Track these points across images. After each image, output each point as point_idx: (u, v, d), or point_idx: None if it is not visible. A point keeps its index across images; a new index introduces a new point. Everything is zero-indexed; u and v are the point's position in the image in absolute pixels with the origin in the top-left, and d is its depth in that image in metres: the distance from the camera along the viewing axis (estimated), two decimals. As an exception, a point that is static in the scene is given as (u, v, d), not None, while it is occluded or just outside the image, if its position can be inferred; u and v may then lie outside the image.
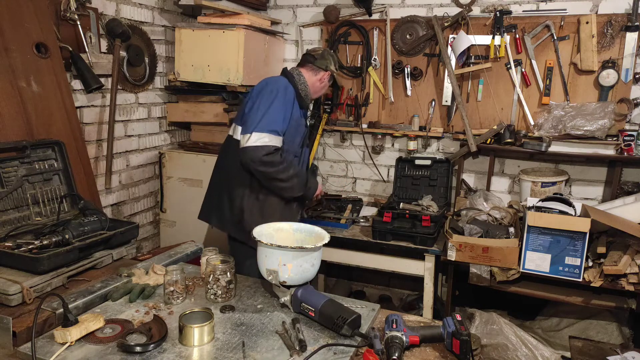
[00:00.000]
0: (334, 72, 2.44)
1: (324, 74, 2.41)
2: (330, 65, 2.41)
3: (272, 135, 2.12)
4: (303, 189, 2.34)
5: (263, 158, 2.09)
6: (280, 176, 2.18)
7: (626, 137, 2.67)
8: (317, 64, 2.39)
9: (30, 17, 2.23)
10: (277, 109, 2.16)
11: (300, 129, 2.34)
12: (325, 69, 2.40)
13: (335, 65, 2.44)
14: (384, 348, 1.36)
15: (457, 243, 2.51)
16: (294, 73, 2.37)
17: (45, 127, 2.24)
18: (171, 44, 3.25)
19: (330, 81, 2.49)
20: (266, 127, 2.11)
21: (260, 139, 2.09)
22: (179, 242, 2.39)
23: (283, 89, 2.22)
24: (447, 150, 3.28)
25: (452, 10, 3.06)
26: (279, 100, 2.18)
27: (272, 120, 2.13)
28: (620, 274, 2.25)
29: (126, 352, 1.31)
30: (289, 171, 2.21)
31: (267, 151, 2.09)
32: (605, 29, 2.77)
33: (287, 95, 2.22)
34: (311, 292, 1.56)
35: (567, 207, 2.44)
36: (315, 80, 2.41)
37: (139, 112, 3.07)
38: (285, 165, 2.18)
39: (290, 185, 2.25)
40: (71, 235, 1.82)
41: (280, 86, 2.23)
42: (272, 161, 2.12)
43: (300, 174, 2.30)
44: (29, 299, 1.57)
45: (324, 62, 2.39)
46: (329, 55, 2.43)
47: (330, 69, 2.41)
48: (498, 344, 2.39)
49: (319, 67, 2.39)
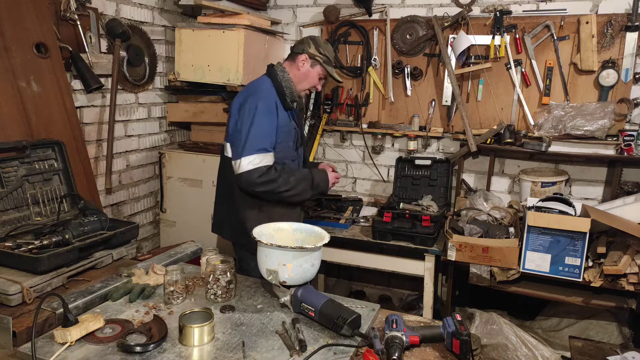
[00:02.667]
0: (314, 55, 2.25)
1: (299, 57, 2.24)
2: (307, 47, 2.24)
3: (261, 154, 2.07)
4: (312, 189, 2.27)
5: (257, 180, 2.07)
6: (283, 189, 2.14)
7: (626, 137, 2.67)
8: (294, 49, 2.27)
9: (30, 17, 2.23)
10: (260, 126, 2.09)
11: (291, 132, 2.26)
12: (301, 52, 2.24)
13: (317, 48, 2.25)
14: (384, 348, 1.36)
15: (457, 243, 2.51)
16: (277, 70, 2.25)
17: (45, 127, 2.24)
18: (171, 44, 3.25)
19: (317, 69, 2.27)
20: (254, 148, 2.07)
21: (250, 162, 2.05)
22: (179, 242, 2.39)
23: (263, 100, 2.13)
24: (447, 150, 3.28)
25: (452, 10, 3.06)
26: (260, 115, 2.10)
27: (258, 140, 2.08)
28: (620, 274, 2.25)
29: (126, 352, 1.31)
30: (290, 180, 2.16)
31: (260, 172, 2.06)
32: (605, 29, 2.77)
33: (268, 106, 2.13)
34: (311, 292, 1.56)
35: (567, 207, 2.44)
36: (295, 70, 2.26)
37: (139, 112, 3.07)
38: (284, 176, 2.13)
39: (297, 191, 2.20)
40: (71, 235, 1.82)
41: (259, 97, 2.14)
42: (268, 180, 2.09)
43: (303, 176, 2.24)
44: (29, 299, 1.57)
45: (300, 47, 2.26)
46: (309, 39, 2.28)
47: (309, 51, 2.24)
48: (498, 344, 2.39)
49: (296, 52, 2.26)
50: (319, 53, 2.25)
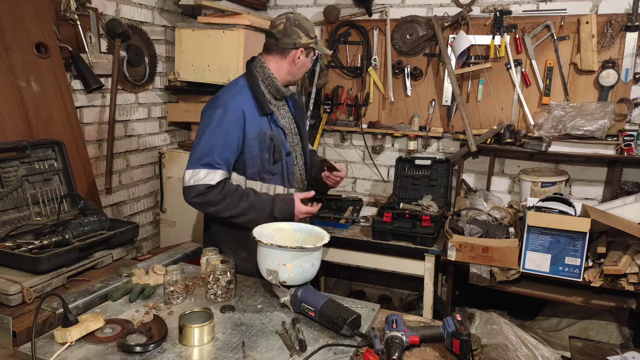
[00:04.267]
0: (308, 45, 1.97)
1: (293, 52, 1.95)
2: (299, 39, 1.94)
3: (206, 169, 1.83)
4: (269, 219, 1.87)
5: (194, 200, 1.85)
6: (229, 213, 1.89)
7: (626, 137, 2.67)
8: (281, 44, 1.94)
9: (30, 17, 2.23)
10: (212, 137, 1.85)
11: (265, 144, 1.92)
12: (294, 47, 1.94)
13: (307, 35, 1.96)
14: (384, 348, 1.36)
15: (457, 243, 2.51)
16: (256, 67, 1.99)
17: (45, 127, 2.24)
18: (171, 44, 3.25)
19: (309, 54, 2.01)
20: (199, 161, 1.84)
21: (192, 177, 1.84)
22: (179, 242, 2.39)
23: (222, 109, 1.87)
24: (447, 150, 3.28)
25: (452, 10, 3.06)
26: (213, 125, 1.85)
27: (204, 152, 1.84)
28: (620, 274, 2.25)
29: (126, 352, 1.31)
30: (238, 206, 1.87)
31: (197, 192, 1.83)
32: (605, 29, 2.77)
33: (226, 115, 1.86)
34: (311, 292, 1.56)
35: (567, 207, 2.44)
36: (287, 65, 1.98)
37: (139, 112, 3.07)
38: (229, 200, 1.86)
39: (248, 219, 1.89)
40: (71, 235, 1.82)
41: (219, 105, 1.89)
42: (205, 202, 1.85)
43: (257, 204, 1.90)
44: (29, 299, 1.57)
45: (290, 40, 1.93)
46: (293, 27, 1.93)
47: (301, 43, 1.94)
48: (498, 344, 2.39)
49: (285, 48, 1.94)
50: (310, 39, 1.97)
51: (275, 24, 1.97)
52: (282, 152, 1.98)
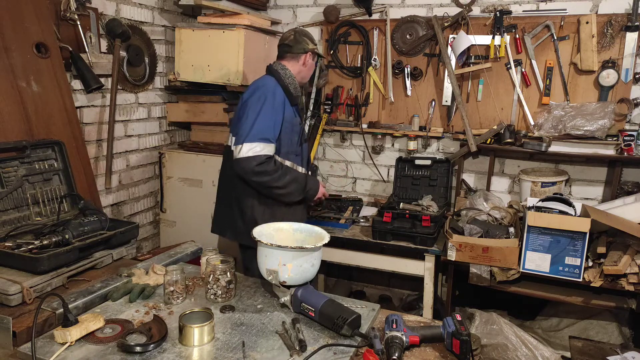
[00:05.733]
0: (313, 50, 2.41)
1: (304, 56, 2.38)
2: (307, 45, 2.38)
3: (263, 143, 2.12)
4: (302, 193, 2.33)
5: (255, 168, 2.10)
6: (276, 184, 2.18)
7: (626, 137, 2.67)
8: (295, 51, 2.36)
9: (30, 17, 2.23)
10: (266, 116, 2.15)
11: (296, 128, 2.33)
12: (304, 52, 2.37)
13: (312, 42, 2.42)
14: (384, 348, 1.36)
15: (457, 243, 2.51)
16: (278, 69, 2.33)
17: (45, 127, 2.24)
18: (171, 44, 3.25)
19: (313, 58, 2.44)
20: (257, 136, 2.11)
21: (251, 149, 2.09)
22: (179, 242, 2.39)
23: (271, 93, 2.21)
24: (447, 150, 3.28)
25: (452, 10, 3.06)
26: (267, 106, 2.17)
27: (262, 129, 2.13)
28: (620, 274, 2.25)
29: (126, 352, 1.32)
30: (285, 177, 2.20)
31: (259, 161, 2.09)
32: (605, 29, 2.77)
33: (276, 99, 2.21)
34: (311, 292, 1.56)
35: (567, 207, 2.44)
36: (300, 67, 2.39)
37: (139, 112, 3.07)
38: (280, 172, 2.18)
39: (288, 191, 2.25)
40: (71, 235, 1.82)
41: (268, 90, 2.22)
42: (265, 170, 2.12)
43: (298, 178, 2.29)
44: (29, 299, 1.57)
45: (300, 47, 2.36)
46: (302, 36, 2.38)
47: (309, 48, 2.38)
48: (498, 344, 2.39)
49: (298, 53, 2.37)
50: (314, 45, 2.42)
51: (286, 37, 2.39)
52: (304, 137, 2.40)
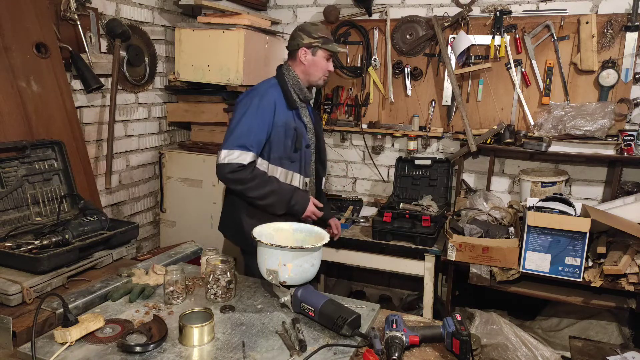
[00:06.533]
0: (310, 44, 2.19)
1: (298, 52, 2.21)
2: (301, 40, 2.20)
3: (239, 150, 2.04)
4: (285, 207, 2.16)
5: (228, 176, 2.05)
6: (252, 194, 2.09)
7: (626, 137, 2.67)
8: (290, 48, 2.25)
9: (30, 17, 2.23)
10: (247, 122, 2.07)
11: (290, 132, 2.17)
12: (297, 47, 2.20)
13: (309, 36, 2.20)
14: (384, 348, 1.36)
15: (457, 243, 2.51)
16: (283, 69, 2.26)
17: (45, 127, 2.24)
18: (171, 44, 3.25)
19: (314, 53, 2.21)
20: (234, 142, 2.05)
21: (227, 156, 2.04)
22: (179, 242, 2.39)
23: (258, 98, 2.12)
24: (447, 150, 3.28)
25: (452, 10, 3.06)
26: (251, 111, 2.09)
27: (240, 135, 2.06)
28: (620, 274, 2.25)
29: (126, 352, 1.31)
30: (263, 188, 2.09)
31: (231, 169, 2.03)
32: (605, 29, 2.77)
33: (262, 104, 2.11)
34: (311, 292, 1.56)
35: (567, 207, 2.44)
36: (301, 65, 2.23)
37: (139, 112, 3.07)
38: (257, 181, 2.08)
39: (267, 202, 2.13)
40: (71, 235, 1.82)
41: (255, 95, 2.14)
42: (238, 179, 2.06)
43: (279, 191, 2.14)
44: (29, 299, 1.57)
45: (294, 42, 2.22)
46: (297, 31, 2.23)
47: (303, 43, 2.19)
48: (498, 344, 2.39)
49: (292, 49, 2.23)
50: (313, 39, 2.20)
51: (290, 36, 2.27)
52: (302, 142, 2.23)
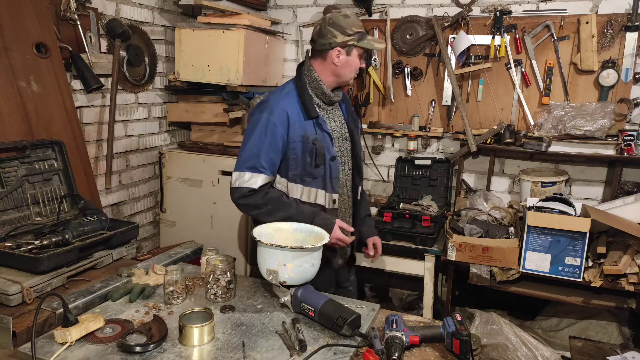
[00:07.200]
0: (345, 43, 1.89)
1: (331, 52, 1.90)
2: (333, 38, 1.88)
3: (250, 172, 1.85)
4: None
5: (239, 201, 1.89)
6: (266, 219, 1.86)
7: (626, 137, 2.67)
8: (318, 47, 1.93)
9: (30, 17, 2.23)
10: (257, 142, 1.87)
11: (308, 147, 1.91)
12: (329, 47, 1.89)
13: (343, 33, 1.88)
14: (384, 348, 1.36)
15: (457, 243, 2.51)
16: (304, 70, 1.98)
17: (45, 127, 2.24)
18: (171, 44, 3.25)
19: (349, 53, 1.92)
20: (245, 164, 1.87)
21: (238, 179, 1.87)
22: (179, 242, 2.39)
23: (268, 112, 1.87)
24: (447, 150, 3.28)
25: (452, 10, 3.06)
26: (260, 129, 1.86)
27: (250, 156, 1.87)
28: (620, 274, 2.25)
29: (126, 352, 1.31)
30: (276, 213, 1.87)
31: (241, 194, 1.86)
32: (605, 29, 2.77)
33: (272, 119, 1.86)
34: (311, 292, 1.56)
35: (567, 207, 2.44)
36: (328, 66, 1.93)
37: (139, 112, 3.07)
38: (269, 207, 1.87)
39: None
40: (71, 235, 1.82)
41: (265, 108, 1.89)
42: (249, 204, 1.88)
43: (297, 216, 1.87)
44: (29, 299, 1.57)
45: (324, 41, 1.90)
46: (328, 27, 1.89)
47: (337, 42, 1.88)
48: (498, 344, 2.39)
49: (322, 49, 1.91)
50: (348, 36, 1.89)
51: (315, 27, 1.96)
52: (324, 156, 1.94)
